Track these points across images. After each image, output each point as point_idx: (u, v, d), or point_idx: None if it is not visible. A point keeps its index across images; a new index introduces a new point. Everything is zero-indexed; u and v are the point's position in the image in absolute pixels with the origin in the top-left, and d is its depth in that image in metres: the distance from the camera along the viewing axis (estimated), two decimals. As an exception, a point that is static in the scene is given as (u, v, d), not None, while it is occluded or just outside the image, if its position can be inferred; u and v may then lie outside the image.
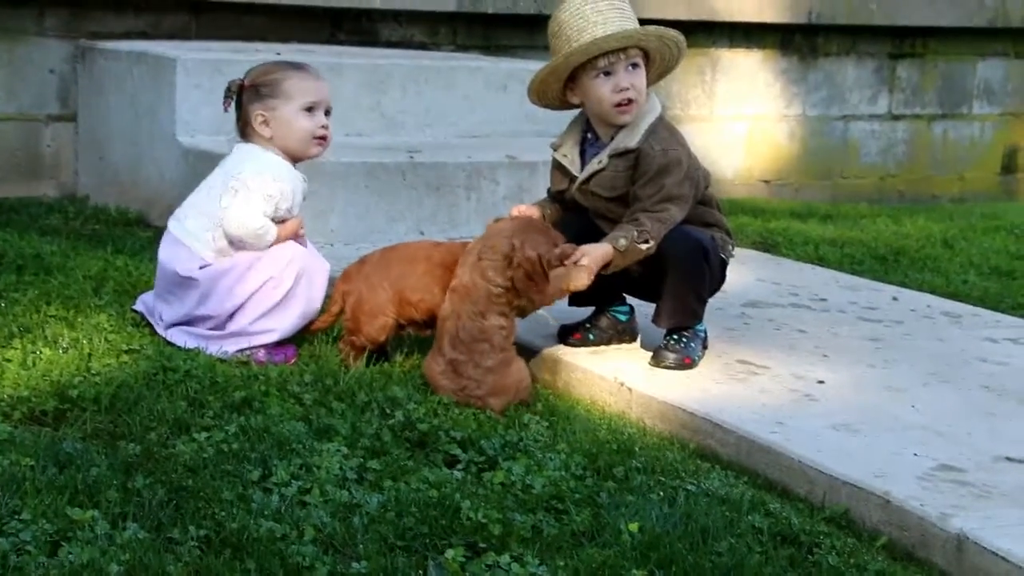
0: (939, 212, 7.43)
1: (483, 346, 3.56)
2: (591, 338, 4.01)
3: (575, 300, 3.97)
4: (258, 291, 3.75)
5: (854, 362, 4.03)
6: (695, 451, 3.42)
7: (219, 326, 3.78)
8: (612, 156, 3.81)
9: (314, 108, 3.83)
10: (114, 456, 2.99)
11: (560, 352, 3.94)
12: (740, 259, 4.50)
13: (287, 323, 3.78)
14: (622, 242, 3.66)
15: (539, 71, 3.85)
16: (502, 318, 3.60)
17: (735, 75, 7.63)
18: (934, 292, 5.18)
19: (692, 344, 3.85)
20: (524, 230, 3.68)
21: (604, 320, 4.03)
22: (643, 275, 3.84)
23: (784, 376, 3.83)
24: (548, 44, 3.83)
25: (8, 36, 5.85)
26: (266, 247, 3.78)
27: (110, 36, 5.97)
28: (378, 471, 3.04)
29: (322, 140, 3.86)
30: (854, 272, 5.52)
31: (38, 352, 3.56)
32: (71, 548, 2.53)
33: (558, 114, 4.07)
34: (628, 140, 3.79)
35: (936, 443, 3.34)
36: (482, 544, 2.73)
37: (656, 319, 3.86)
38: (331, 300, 3.84)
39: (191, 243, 3.78)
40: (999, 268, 5.85)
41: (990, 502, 3.00)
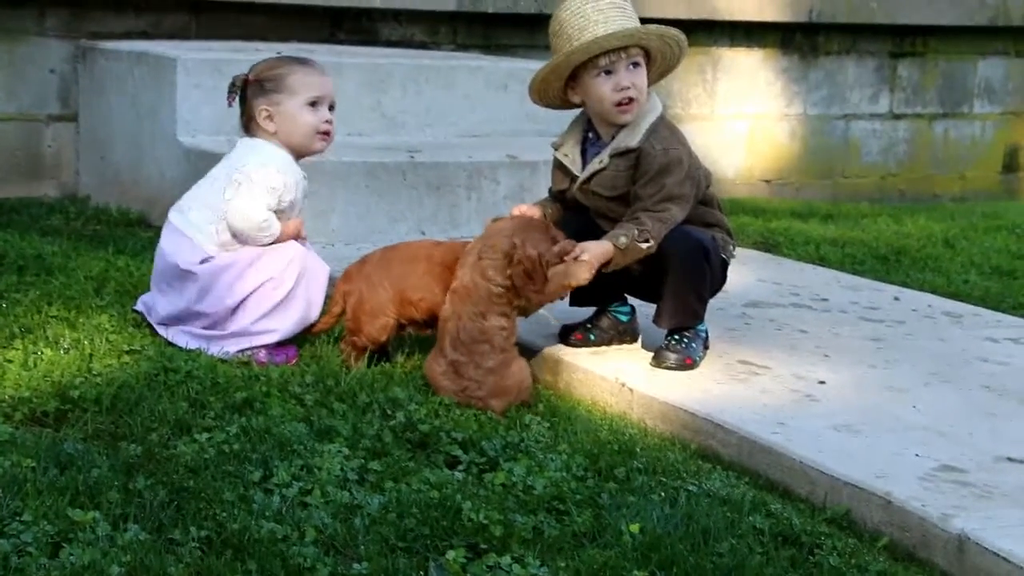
0: (940, 211, 7.42)
1: (484, 347, 3.56)
2: (592, 338, 4.00)
3: (576, 300, 3.97)
4: (258, 290, 3.75)
5: (855, 362, 4.02)
6: (696, 452, 3.42)
7: (216, 325, 3.77)
8: (613, 155, 3.80)
9: (318, 103, 3.83)
10: (115, 457, 2.99)
11: (561, 352, 3.94)
12: (741, 259, 4.49)
13: (288, 324, 3.78)
14: (622, 240, 3.66)
15: (540, 70, 3.84)
16: (503, 319, 3.60)
17: (736, 74, 7.62)
18: (935, 292, 5.18)
19: (693, 344, 3.85)
20: (524, 229, 3.68)
21: (605, 320, 4.03)
22: (644, 275, 3.84)
23: (785, 376, 3.82)
24: (549, 43, 3.83)
25: (9, 36, 5.85)
26: (268, 242, 3.77)
27: (110, 36, 5.97)
28: (379, 472, 3.04)
29: (326, 135, 3.86)
30: (855, 272, 5.51)
31: (39, 353, 3.56)
32: (72, 549, 2.53)
33: (559, 113, 4.07)
34: (629, 139, 3.79)
35: (937, 443, 3.34)
36: (483, 545, 2.73)
37: (657, 319, 3.86)
38: (332, 300, 3.84)
39: (193, 234, 3.77)
40: (1000, 268, 5.84)
41: (991, 502, 3.00)
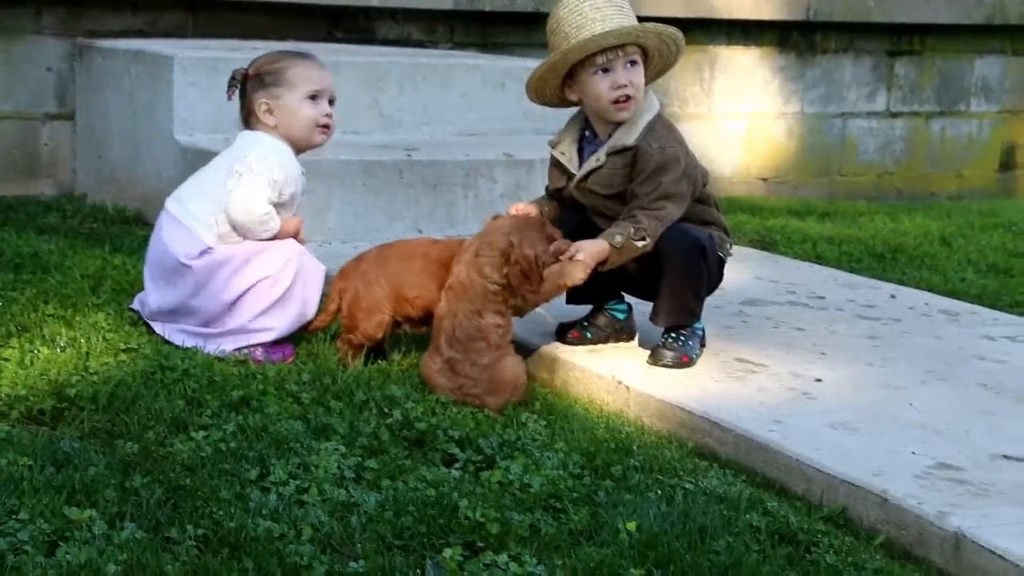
0: (937, 210, 7.42)
1: (480, 344, 3.56)
2: (589, 336, 4.00)
3: (573, 298, 3.97)
4: (255, 287, 3.74)
5: (852, 360, 4.03)
6: (693, 449, 3.42)
7: (210, 322, 3.76)
8: (610, 154, 3.80)
9: (318, 96, 3.83)
10: (112, 455, 2.99)
11: (558, 350, 3.94)
12: (738, 257, 4.49)
13: (284, 322, 3.78)
14: (618, 239, 3.66)
15: (537, 68, 3.84)
16: (498, 316, 3.60)
17: (733, 72, 7.63)
18: (932, 290, 5.18)
19: (690, 342, 3.85)
20: (522, 228, 3.68)
21: (602, 318, 4.03)
22: (641, 273, 3.84)
23: (782, 374, 3.83)
24: (546, 42, 3.83)
25: (5, 35, 5.84)
26: (268, 237, 3.77)
27: (107, 34, 5.97)
28: (376, 470, 3.04)
29: (325, 128, 3.87)
30: (852, 270, 5.51)
31: (36, 351, 3.56)
32: (69, 548, 2.53)
33: (556, 112, 4.07)
34: (626, 137, 3.79)
35: (934, 441, 3.34)
36: (480, 543, 2.73)
37: (654, 317, 3.86)
38: (328, 298, 3.84)
39: (191, 223, 3.76)
40: (997, 266, 5.84)
41: (988, 500, 3.00)
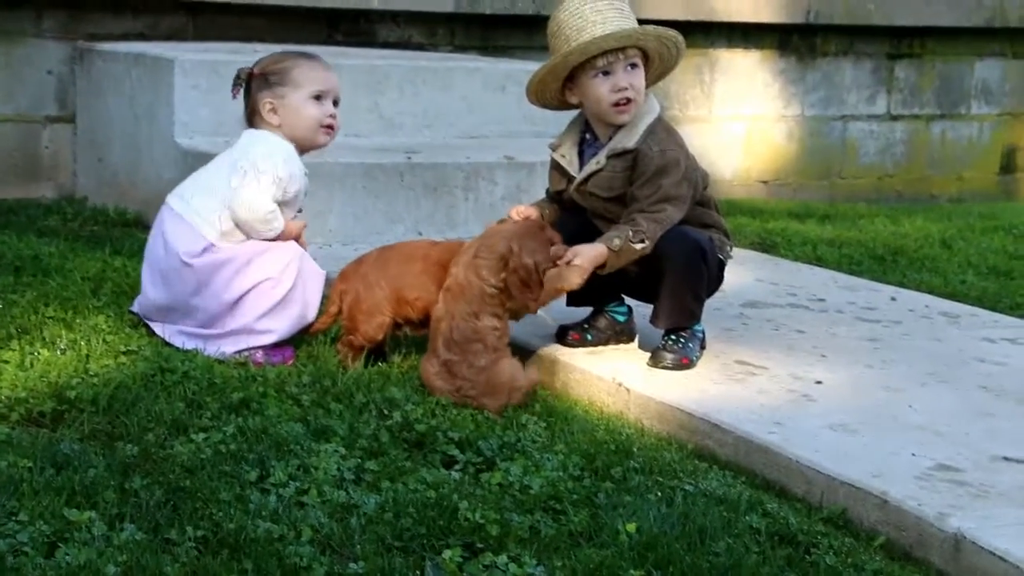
0: (937, 212, 7.42)
1: (477, 346, 3.56)
2: (589, 338, 4.00)
3: (573, 300, 3.97)
4: (255, 288, 3.74)
5: (852, 362, 4.03)
6: (693, 451, 3.42)
7: (209, 323, 3.76)
8: (610, 156, 3.80)
9: (322, 97, 3.84)
10: (112, 457, 2.99)
11: (558, 352, 3.94)
12: (738, 259, 4.49)
13: (285, 324, 3.78)
14: (616, 242, 3.66)
15: (537, 71, 3.84)
16: (495, 319, 3.60)
17: (733, 75, 7.63)
18: (932, 292, 5.18)
19: (690, 344, 3.85)
20: (523, 235, 3.67)
21: (602, 320, 4.03)
22: (641, 276, 3.84)
23: (782, 376, 3.83)
24: (547, 44, 3.83)
25: (6, 38, 5.85)
26: (271, 236, 3.77)
27: (108, 37, 5.97)
28: (376, 472, 3.04)
29: (329, 128, 3.87)
30: (852, 272, 5.51)
31: (36, 353, 3.56)
32: (68, 549, 2.53)
33: (556, 115, 4.07)
34: (626, 140, 3.79)
35: (934, 443, 3.34)
36: (479, 544, 2.73)
37: (654, 320, 3.86)
38: (329, 300, 3.84)
39: (193, 219, 3.75)
40: (997, 268, 5.85)
41: (988, 502, 3.00)
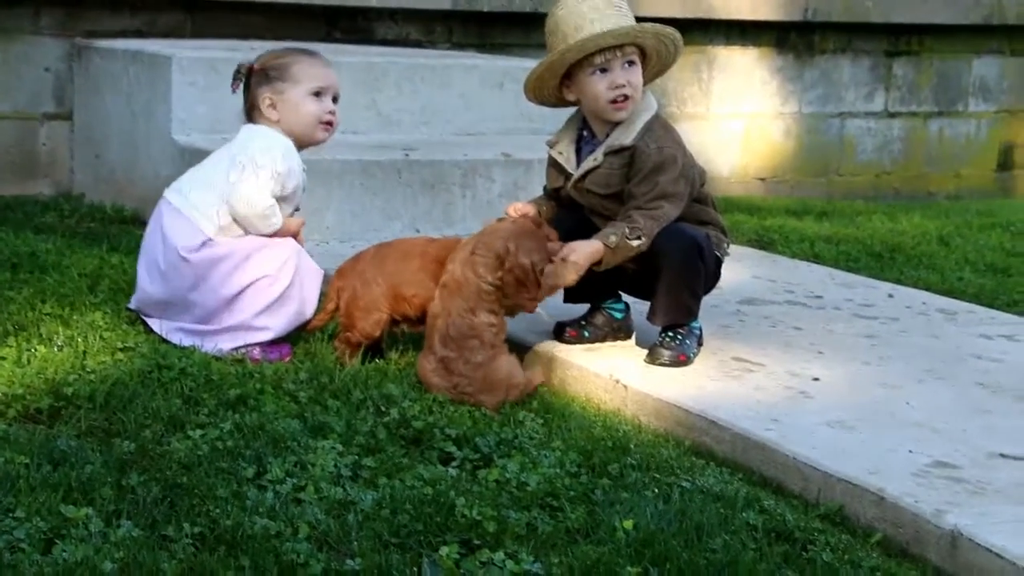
0: (935, 209, 7.42)
1: (473, 343, 3.56)
2: (586, 335, 4.00)
3: (570, 297, 3.97)
4: (253, 285, 3.74)
5: (849, 359, 4.03)
6: (690, 448, 3.42)
7: (207, 318, 3.76)
8: (607, 153, 3.80)
9: (322, 93, 3.84)
10: (108, 454, 2.99)
11: (555, 349, 3.94)
12: (736, 256, 4.49)
13: (282, 321, 3.78)
14: (612, 239, 3.66)
15: (535, 68, 3.84)
16: (492, 315, 3.60)
17: (731, 73, 7.63)
18: (929, 289, 5.18)
19: (687, 341, 3.85)
20: (520, 235, 3.67)
21: (600, 317, 4.03)
22: (638, 272, 3.84)
23: (779, 373, 3.83)
24: (544, 42, 3.83)
25: (4, 35, 5.85)
26: (270, 232, 3.76)
27: (106, 35, 5.97)
28: (373, 468, 3.04)
29: (328, 125, 3.87)
30: (850, 269, 5.52)
31: (33, 350, 3.56)
32: (65, 546, 2.53)
33: (554, 112, 4.07)
34: (623, 137, 3.79)
35: (931, 440, 3.34)
36: (476, 541, 2.73)
37: (651, 316, 3.86)
38: (326, 297, 3.84)
39: (191, 213, 3.75)
40: (994, 265, 5.85)
41: (984, 499, 3.00)
